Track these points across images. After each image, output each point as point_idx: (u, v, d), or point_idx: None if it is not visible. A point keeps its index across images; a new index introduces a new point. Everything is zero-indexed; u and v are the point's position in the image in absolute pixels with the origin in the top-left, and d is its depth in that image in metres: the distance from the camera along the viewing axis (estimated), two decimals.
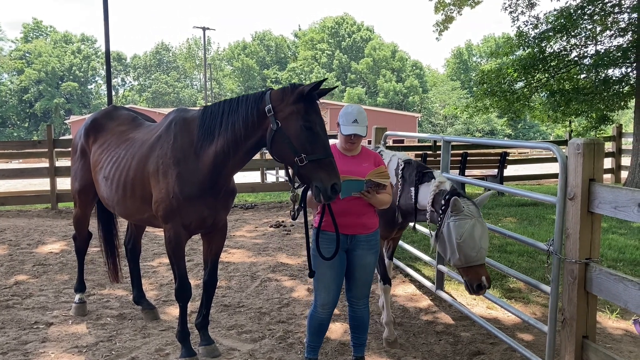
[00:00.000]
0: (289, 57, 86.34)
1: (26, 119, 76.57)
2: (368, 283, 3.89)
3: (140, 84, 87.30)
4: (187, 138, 4.00)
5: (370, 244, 3.79)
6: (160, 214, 4.07)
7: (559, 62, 13.78)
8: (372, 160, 3.85)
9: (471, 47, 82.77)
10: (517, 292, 5.91)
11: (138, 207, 4.39)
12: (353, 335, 4.03)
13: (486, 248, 3.76)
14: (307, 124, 3.38)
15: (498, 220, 9.79)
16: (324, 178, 3.29)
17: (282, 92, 3.55)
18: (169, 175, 3.97)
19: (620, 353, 4.37)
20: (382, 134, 7.11)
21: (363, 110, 3.78)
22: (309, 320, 3.88)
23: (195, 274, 6.69)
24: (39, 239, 8.70)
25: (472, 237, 3.68)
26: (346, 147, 3.80)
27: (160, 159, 4.05)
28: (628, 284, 2.97)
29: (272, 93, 3.60)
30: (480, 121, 62.00)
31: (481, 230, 3.72)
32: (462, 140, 12.27)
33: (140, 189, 4.26)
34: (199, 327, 4.46)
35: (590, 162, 3.26)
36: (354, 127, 3.67)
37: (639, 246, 7.72)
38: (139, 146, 4.40)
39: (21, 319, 5.18)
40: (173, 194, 3.94)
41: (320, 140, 3.39)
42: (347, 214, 3.68)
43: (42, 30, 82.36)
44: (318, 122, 3.43)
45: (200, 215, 4.05)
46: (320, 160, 3.33)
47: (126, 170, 4.37)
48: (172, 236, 4.08)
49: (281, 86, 3.65)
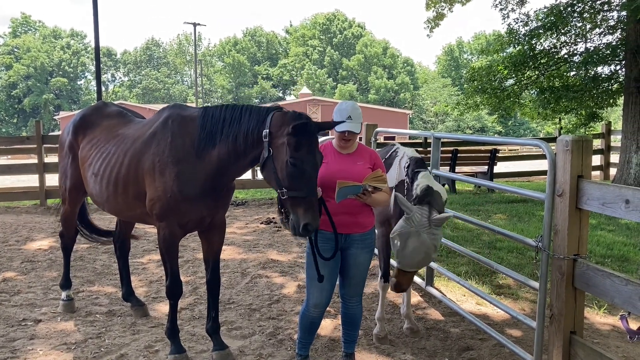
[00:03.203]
0: (280, 54, 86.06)
1: (15, 114, 75.87)
2: (362, 281, 3.87)
3: (131, 80, 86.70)
4: (187, 137, 3.94)
5: (365, 243, 3.77)
6: (155, 212, 4.03)
7: (549, 59, 13.85)
8: (367, 158, 3.80)
9: (462, 44, 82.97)
10: (506, 288, 5.95)
11: (129, 204, 4.34)
12: (345, 331, 4.02)
13: (413, 260, 3.78)
14: (292, 160, 3.35)
15: (488, 217, 9.83)
16: (299, 215, 3.32)
17: (282, 118, 3.50)
18: (167, 174, 3.92)
19: (607, 348, 4.41)
20: (372, 131, 7.12)
21: (357, 107, 3.72)
22: (301, 319, 3.87)
23: (185, 270, 6.67)
24: (28, 235, 8.63)
25: (402, 241, 3.76)
26: (340, 145, 3.75)
27: (157, 157, 3.99)
28: (615, 280, 2.99)
29: (274, 116, 3.55)
30: (471, 118, 62.21)
31: (413, 242, 3.73)
32: (453, 137, 12.22)
33: (133, 186, 4.21)
34: (210, 332, 4.36)
35: (579, 159, 3.28)
36: (347, 124, 3.61)
37: (626, 242, 7.79)
38: (131, 142, 4.35)
39: (9, 316, 5.14)
40: (171, 192, 3.90)
41: (304, 178, 3.34)
42: (342, 213, 3.65)
43: (30, 25, 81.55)
44: (307, 159, 3.36)
45: (199, 215, 4.03)
46: (298, 197, 3.33)
47: (117, 167, 4.33)
48: (166, 234, 4.06)
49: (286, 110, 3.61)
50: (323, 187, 3.63)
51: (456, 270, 6.40)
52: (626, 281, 2.92)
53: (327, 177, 3.64)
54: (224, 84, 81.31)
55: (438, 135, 5.57)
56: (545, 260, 3.65)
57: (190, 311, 5.35)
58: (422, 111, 73.97)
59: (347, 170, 3.66)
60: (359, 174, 3.62)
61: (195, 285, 6.09)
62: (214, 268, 4.33)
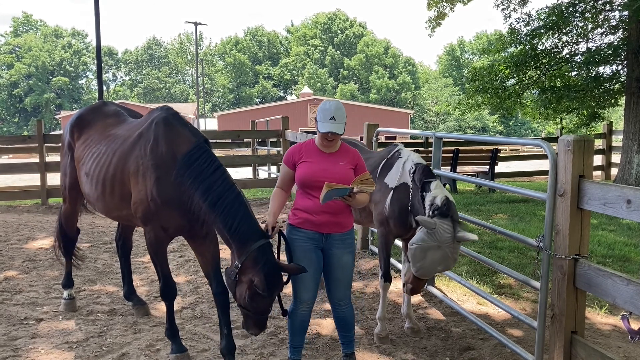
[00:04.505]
0: (281, 53, 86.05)
1: (16, 114, 75.93)
2: (349, 283, 3.88)
3: (132, 79, 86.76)
4: (169, 146, 3.93)
5: (346, 243, 3.78)
6: (139, 216, 4.03)
7: (551, 59, 13.83)
8: (350, 157, 3.78)
9: (463, 44, 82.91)
10: (507, 288, 5.94)
11: (116, 204, 4.34)
12: (341, 334, 4.01)
13: (431, 270, 3.92)
14: (252, 297, 3.53)
15: (489, 217, 9.82)
16: (249, 328, 3.69)
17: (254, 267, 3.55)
18: (148, 178, 3.92)
19: (608, 348, 4.41)
20: (374, 131, 7.12)
21: (342, 107, 3.68)
22: (290, 319, 3.85)
23: (186, 269, 6.68)
24: (29, 234, 8.64)
25: (422, 252, 3.82)
26: (323, 144, 3.72)
27: (140, 159, 3.99)
28: (616, 280, 2.99)
29: (247, 258, 3.59)
30: (472, 118, 62.17)
31: (434, 254, 3.81)
32: (454, 136, 12.25)
33: (119, 187, 4.21)
34: (224, 353, 4.03)
35: (580, 158, 3.27)
36: (330, 125, 3.57)
37: (627, 242, 7.78)
38: (120, 143, 4.35)
39: (11, 315, 5.15)
40: (151, 197, 3.89)
41: (258, 309, 3.59)
42: (322, 212, 3.65)
43: (32, 25, 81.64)
44: (265, 302, 3.58)
45: (179, 222, 3.99)
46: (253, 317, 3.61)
47: (106, 167, 4.33)
48: (152, 238, 4.06)
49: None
50: (306, 185, 3.65)
51: (457, 270, 6.39)
52: (627, 281, 2.92)
53: (310, 176, 3.65)
54: (225, 83, 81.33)
55: (439, 134, 5.57)
56: (546, 260, 3.65)
57: (191, 310, 5.36)
58: (424, 111, 73.99)
59: (330, 169, 3.65)
60: (342, 174, 3.62)
61: (197, 285, 6.09)
62: (216, 277, 4.13)
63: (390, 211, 4.43)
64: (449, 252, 3.78)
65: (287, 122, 11.92)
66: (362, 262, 6.91)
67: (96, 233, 8.80)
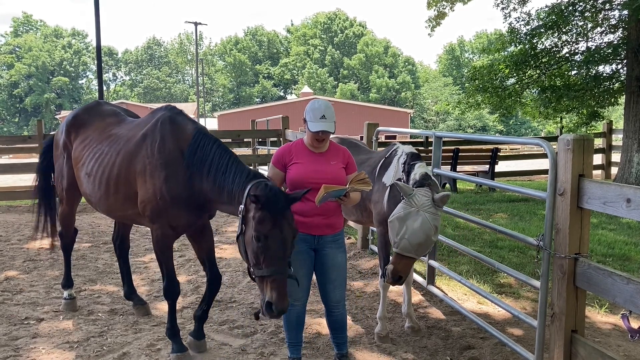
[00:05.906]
0: (281, 53, 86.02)
1: (16, 114, 75.94)
2: (343, 284, 3.88)
3: (132, 79, 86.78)
4: (175, 144, 3.97)
5: (338, 243, 3.79)
6: (147, 214, 4.06)
7: (550, 58, 13.83)
8: (341, 156, 3.78)
9: (463, 43, 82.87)
10: (507, 287, 5.95)
11: (121, 205, 4.35)
12: (334, 336, 3.99)
13: (412, 242, 3.72)
14: (257, 234, 3.24)
15: (489, 216, 9.83)
16: (271, 298, 3.22)
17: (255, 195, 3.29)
18: (156, 177, 3.95)
19: (608, 347, 4.41)
20: (374, 130, 7.13)
21: (331, 106, 3.67)
22: (286, 316, 3.79)
23: (187, 269, 6.68)
24: (30, 234, 8.64)
25: (401, 223, 3.73)
26: (314, 145, 3.70)
27: (147, 159, 4.02)
28: (616, 279, 2.99)
29: (251, 188, 3.41)
30: (472, 117, 62.14)
31: (413, 223, 3.70)
32: (454, 136, 12.27)
33: (125, 187, 4.22)
34: (196, 319, 4.39)
35: (580, 158, 3.27)
36: (321, 124, 3.56)
37: (627, 241, 7.78)
38: (124, 142, 4.36)
39: (11, 315, 5.15)
40: (160, 195, 3.92)
41: (268, 255, 3.22)
42: (313, 214, 3.64)
43: (32, 25, 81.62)
44: (272, 234, 3.22)
45: (188, 218, 4.05)
46: (266, 277, 3.24)
47: (110, 167, 4.34)
48: (159, 236, 4.08)
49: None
50: (298, 187, 3.60)
51: (457, 269, 6.40)
52: (627, 280, 2.92)
53: (302, 177, 3.63)
54: (225, 83, 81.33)
55: (439, 134, 5.58)
56: (546, 259, 3.65)
57: (192, 310, 5.35)
58: (423, 110, 73.96)
59: (322, 170, 3.64)
60: (334, 174, 3.62)
61: (197, 284, 6.09)
62: (211, 265, 4.32)
63: (388, 209, 4.43)
64: (429, 217, 3.71)
65: (287, 122, 11.92)
66: (362, 261, 6.92)
67: (96, 233, 8.80)
